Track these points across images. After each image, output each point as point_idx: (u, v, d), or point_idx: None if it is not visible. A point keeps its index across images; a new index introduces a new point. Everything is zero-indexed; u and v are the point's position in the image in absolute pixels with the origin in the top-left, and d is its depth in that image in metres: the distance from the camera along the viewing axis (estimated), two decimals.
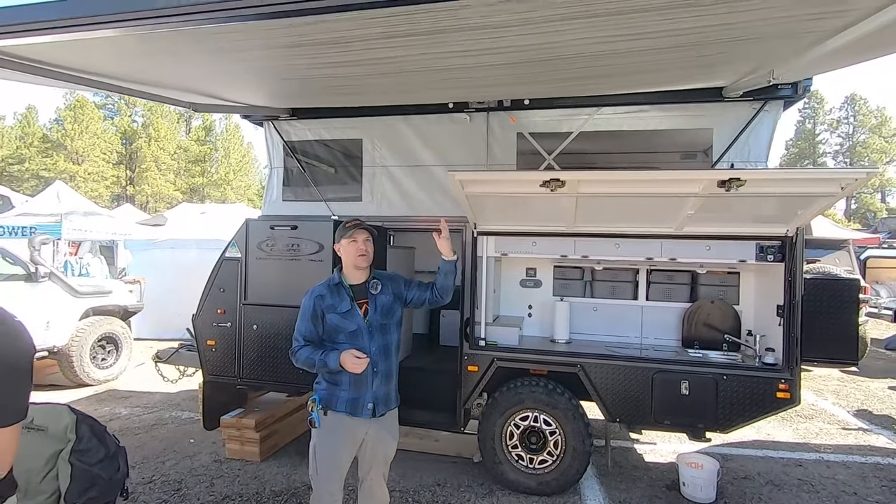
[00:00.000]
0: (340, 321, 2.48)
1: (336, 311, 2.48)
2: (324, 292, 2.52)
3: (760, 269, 3.77)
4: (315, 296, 2.51)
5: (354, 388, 2.47)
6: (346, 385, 2.47)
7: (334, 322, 2.48)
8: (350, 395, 2.47)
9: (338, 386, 2.48)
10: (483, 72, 2.91)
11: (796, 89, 3.41)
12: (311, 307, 2.50)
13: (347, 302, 2.50)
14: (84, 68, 2.85)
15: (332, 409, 2.47)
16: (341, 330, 2.48)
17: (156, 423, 5.18)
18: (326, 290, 2.52)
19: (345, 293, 2.52)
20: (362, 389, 2.48)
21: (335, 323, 2.48)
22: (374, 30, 2.18)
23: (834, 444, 4.81)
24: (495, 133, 4.10)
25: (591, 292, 4.31)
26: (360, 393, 2.48)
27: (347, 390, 2.47)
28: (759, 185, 2.82)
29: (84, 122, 36.75)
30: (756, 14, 1.99)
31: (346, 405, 2.47)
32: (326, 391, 2.51)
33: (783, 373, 3.32)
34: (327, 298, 2.50)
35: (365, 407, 2.48)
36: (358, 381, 2.46)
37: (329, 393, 2.50)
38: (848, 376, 7.49)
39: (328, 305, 2.48)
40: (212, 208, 13.93)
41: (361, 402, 2.48)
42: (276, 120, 4.53)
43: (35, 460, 2.24)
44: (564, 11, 1.98)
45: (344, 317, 2.48)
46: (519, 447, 3.71)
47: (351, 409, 2.47)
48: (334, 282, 2.56)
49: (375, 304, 2.55)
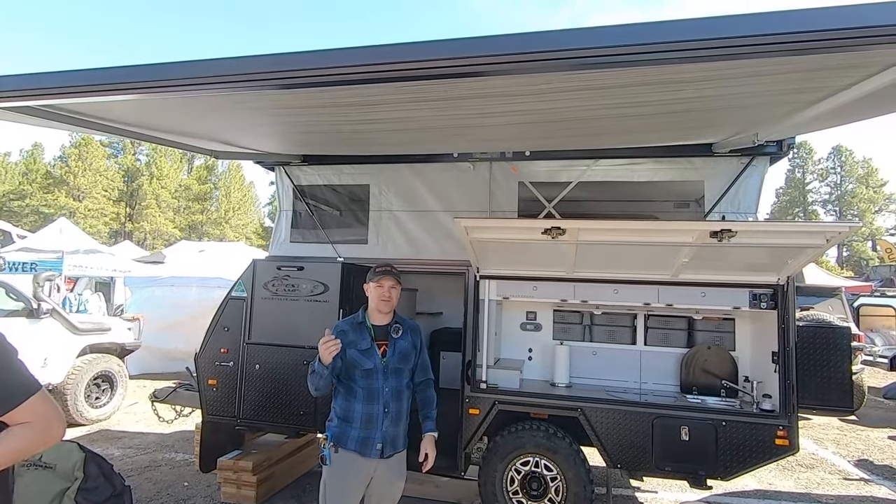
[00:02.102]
0: (359, 357, 2.55)
1: (356, 347, 2.56)
2: (346, 328, 2.60)
3: (755, 316, 3.87)
4: (339, 330, 2.58)
5: (365, 427, 2.52)
6: (357, 423, 2.52)
7: (353, 357, 2.54)
8: (360, 434, 2.51)
9: (349, 424, 2.53)
10: (489, 130, 3.12)
11: (781, 146, 3.64)
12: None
13: (368, 341, 2.58)
14: (116, 119, 3.06)
15: (342, 446, 2.51)
16: (358, 366, 2.54)
17: (149, 464, 5.08)
18: (349, 327, 2.61)
19: (366, 332, 2.61)
20: (372, 428, 2.52)
21: (354, 358, 2.54)
22: (396, 95, 2.38)
23: (836, 495, 4.77)
24: (498, 181, 4.30)
25: (590, 336, 4.37)
26: (370, 432, 2.52)
27: (358, 429, 2.52)
28: (749, 237, 2.98)
29: (88, 160, 37.42)
30: (738, 89, 2.21)
31: (356, 443, 2.51)
32: (338, 428, 2.55)
33: (781, 419, 3.36)
34: (350, 334, 2.57)
35: (374, 447, 2.51)
36: (369, 420, 2.51)
37: (340, 430, 2.54)
38: (847, 425, 7.45)
39: (350, 341, 2.55)
40: (210, 246, 14.06)
41: (371, 442, 2.51)
42: (288, 165, 4.73)
43: (40, 498, 2.25)
44: (567, 85, 2.19)
45: (363, 354, 2.55)
46: (520, 493, 3.68)
47: (360, 448, 2.51)
48: (358, 320, 2.64)
49: (394, 348, 2.63)
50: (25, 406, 1.31)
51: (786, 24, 1.53)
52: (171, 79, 2.09)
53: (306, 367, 3.94)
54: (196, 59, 2.08)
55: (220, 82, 2.10)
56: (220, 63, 2.06)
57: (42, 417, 1.34)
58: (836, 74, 2.11)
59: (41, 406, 1.35)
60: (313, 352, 3.88)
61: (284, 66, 2.09)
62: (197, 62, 2.08)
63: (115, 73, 2.12)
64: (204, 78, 2.07)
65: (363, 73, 2.04)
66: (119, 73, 2.11)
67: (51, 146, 69.00)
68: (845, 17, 1.48)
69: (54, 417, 1.37)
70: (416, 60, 1.98)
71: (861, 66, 2.04)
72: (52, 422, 1.36)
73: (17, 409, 1.30)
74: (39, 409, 1.34)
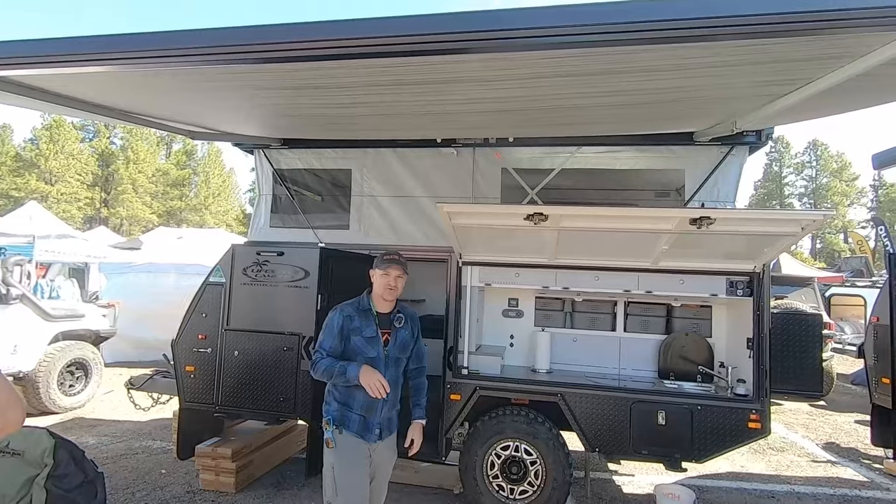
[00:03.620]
0: (364, 345, 2.52)
1: (361, 334, 2.53)
2: (352, 313, 2.56)
3: (731, 304, 3.95)
4: (345, 315, 2.55)
5: (366, 412, 2.52)
6: (358, 408, 2.52)
7: (357, 345, 2.52)
8: (361, 419, 2.52)
9: (350, 408, 2.52)
10: (469, 117, 3.10)
11: (760, 136, 3.69)
12: (339, 323, 2.54)
13: (374, 328, 2.56)
14: (90, 99, 2.93)
15: (345, 428, 2.51)
16: (361, 353, 2.52)
17: (125, 452, 5.00)
18: (355, 312, 2.57)
19: (372, 319, 2.57)
20: (372, 414, 2.53)
21: (358, 346, 2.52)
22: (369, 78, 2.33)
23: (804, 477, 4.94)
24: (481, 167, 4.27)
25: (571, 323, 4.42)
26: (370, 417, 2.53)
27: (359, 413, 2.52)
28: (727, 224, 3.02)
29: (60, 143, 36.20)
30: (713, 80, 2.24)
31: (357, 426, 2.51)
32: (338, 412, 2.54)
33: (754, 403, 3.45)
34: (355, 320, 2.54)
35: (373, 431, 2.54)
36: (370, 406, 2.51)
37: (341, 413, 2.53)
38: (817, 410, 7.71)
39: (355, 327, 2.53)
40: (189, 233, 13.76)
41: (370, 427, 2.53)
42: (267, 148, 4.63)
43: (8, 486, 2.19)
44: (544, 70, 2.18)
45: (368, 342, 2.53)
46: (500, 477, 3.72)
47: (360, 432, 2.52)
48: (364, 306, 2.60)
49: (396, 337, 2.62)
50: None
51: (757, 5, 1.54)
52: (138, 51, 1.99)
53: (286, 353, 3.96)
54: (166, 31, 1.98)
55: (191, 55, 2.02)
56: (192, 35, 1.98)
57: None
58: (806, 66, 2.16)
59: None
60: (293, 338, 3.90)
61: (259, 38, 2.03)
62: (168, 33, 1.98)
63: (71, 44, 2.01)
64: (175, 50, 1.98)
65: (340, 48, 1.98)
66: (79, 43, 2.01)
67: (20, 128, 66.68)
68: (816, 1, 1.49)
69: (11, 402, 1.32)
70: (393, 35, 1.95)
71: (828, 58, 2.09)
72: (8, 407, 1.31)
73: None
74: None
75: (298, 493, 4.16)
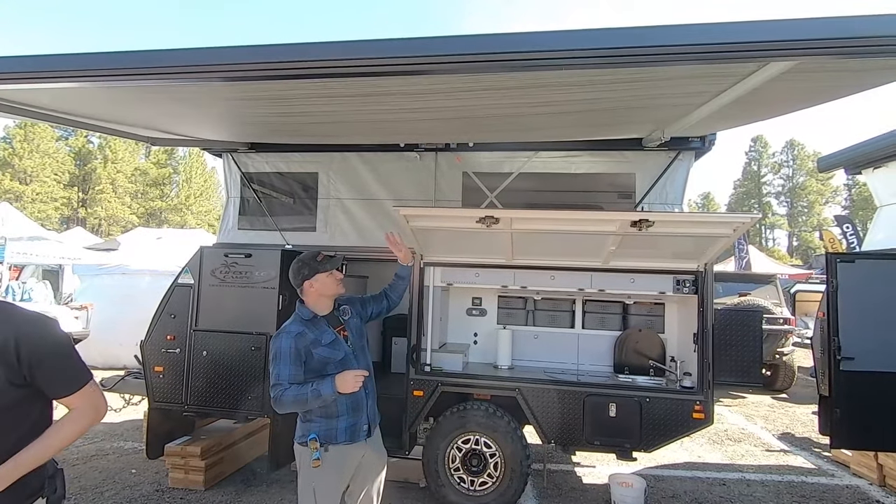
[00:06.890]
0: (329, 352, 2.40)
1: (322, 343, 2.40)
2: (301, 329, 2.39)
3: (680, 301, 4.15)
4: (294, 336, 2.35)
5: (353, 414, 2.44)
6: (344, 412, 2.41)
7: (323, 355, 2.39)
8: (349, 423, 2.43)
9: (335, 418, 2.41)
10: (418, 125, 3.26)
11: (704, 142, 3.89)
12: (292, 349, 2.32)
13: (330, 332, 2.45)
14: (45, 107, 3.00)
15: (332, 442, 2.39)
16: (330, 361, 2.40)
17: (96, 453, 5.04)
18: (304, 327, 2.41)
19: (324, 324, 2.47)
20: (360, 413, 2.46)
21: (324, 355, 2.39)
22: (308, 90, 2.47)
23: (756, 465, 5.18)
24: (443, 171, 4.42)
25: (532, 321, 4.58)
26: (357, 417, 2.46)
27: (346, 417, 2.42)
28: (666, 226, 3.21)
29: (35, 142, 35.47)
30: (641, 91, 2.43)
31: (346, 434, 2.41)
32: (324, 426, 2.40)
33: (698, 395, 3.65)
34: (308, 334, 2.38)
35: (361, 430, 2.47)
36: (356, 405, 2.44)
37: (326, 427, 2.40)
38: (778, 402, 8.02)
39: (312, 341, 2.38)
40: (169, 233, 13.63)
41: (359, 426, 2.46)
42: (235, 152, 4.72)
43: None
44: (490, 84, 2.34)
45: (331, 347, 2.42)
46: (461, 469, 3.87)
47: (350, 437, 2.43)
48: (307, 316, 2.46)
49: (350, 329, 2.57)
50: (84, 391, 1.49)
51: (656, 38, 1.73)
52: (105, 68, 2.10)
53: (254, 353, 4.05)
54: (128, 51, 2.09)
55: (151, 74, 2.13)
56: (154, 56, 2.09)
57: (94, 402, 1.53)
58: (711, 82, 2.40)
59: (95, 392, 1.53)
60: (261, 338, 4.00)
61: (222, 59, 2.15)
62: (129, 54, 2.09)
63: (38, 62, 2.10)
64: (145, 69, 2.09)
65: (297, 69, 2.12)
66: (51, 60, 2.10)
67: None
68: (701, 34, 1.68)
69: (102, 402, 1.56)
70: (347, 59, 2.09)
71: (724, 76, 2.36)
72: (100, 406, 1.55)
73: (77, 394, 1.47)
74: (93, 395, 1.52)
75: (268, 489, 4.26)
